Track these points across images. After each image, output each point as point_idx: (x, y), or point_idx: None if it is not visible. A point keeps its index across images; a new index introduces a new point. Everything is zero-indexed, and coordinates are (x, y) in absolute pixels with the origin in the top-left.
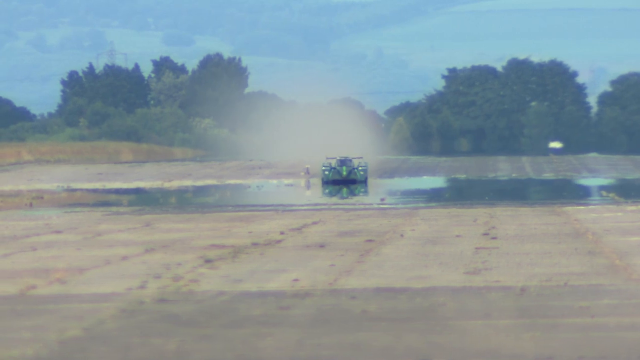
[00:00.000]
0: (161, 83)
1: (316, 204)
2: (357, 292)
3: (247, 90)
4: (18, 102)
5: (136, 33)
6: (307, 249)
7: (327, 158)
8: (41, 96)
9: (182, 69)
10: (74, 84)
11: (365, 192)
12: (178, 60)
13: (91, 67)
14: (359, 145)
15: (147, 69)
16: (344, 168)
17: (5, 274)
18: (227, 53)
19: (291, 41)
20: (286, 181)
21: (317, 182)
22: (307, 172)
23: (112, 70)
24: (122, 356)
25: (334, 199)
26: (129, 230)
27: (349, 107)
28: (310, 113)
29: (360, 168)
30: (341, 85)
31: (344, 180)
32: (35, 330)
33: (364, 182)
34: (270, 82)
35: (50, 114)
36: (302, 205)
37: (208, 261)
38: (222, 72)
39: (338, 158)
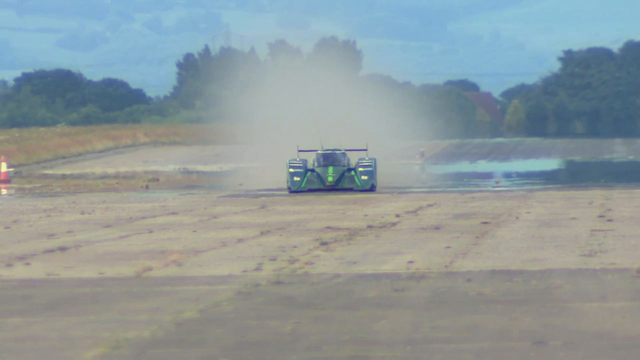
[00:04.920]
0: (276, 65)
1: (431, 187)
2: (472, 275)
3: (361, 72)
4: (134, 84)
5: (252, 15)
6: (422, 231)
7: (300, 151)
8: (157, 78)
9: (297, 52)
10: (189, 66)
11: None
12: (293, 42)
13: (207, 49)
14: (471, 128)
15: (262, 52)
16: (331, 169)
17: (122, 256)
18: (341, 35)
19: (407, 22)
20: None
21: (403, 170)
22: (422, 155)
23: (228, 52)
24: (238, 338)
25: (450, 182)
26: (245, 213)
27: (464, 89)
28: (424, 95)
29: (361, 169)
30: (458, 67)
31: (330, 189)
32: (151, 312)
33: (371, 190)
34: (385, 64)
35: (165, 97)
36: (418, 188)
37: (323, 243)
38: (336, 54)
39: (320, 152)
